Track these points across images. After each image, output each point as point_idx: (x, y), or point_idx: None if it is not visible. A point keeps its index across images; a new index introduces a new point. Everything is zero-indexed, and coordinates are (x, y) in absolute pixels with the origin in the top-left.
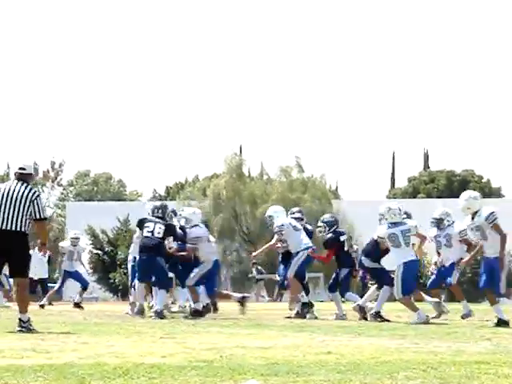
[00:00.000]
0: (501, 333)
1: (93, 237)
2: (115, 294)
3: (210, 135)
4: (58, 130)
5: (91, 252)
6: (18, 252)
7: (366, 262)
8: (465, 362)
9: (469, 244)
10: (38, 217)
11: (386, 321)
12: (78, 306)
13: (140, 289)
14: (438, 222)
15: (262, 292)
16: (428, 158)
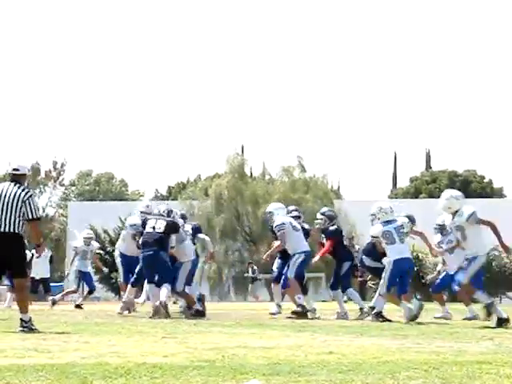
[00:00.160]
0: (503, 333)
1: (94, 236)
2: (117, 294)
3: (212, 135)
4: (59, 129)
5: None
6: (13, 253)
7: (367, 261)
8: (467, 362)
9: None
10: (30, 217)
11: (388, 321)
12: (78, 307)
13: (153, 290)
14: (441, 229)
15: (258, 292)
16: (430, 158)
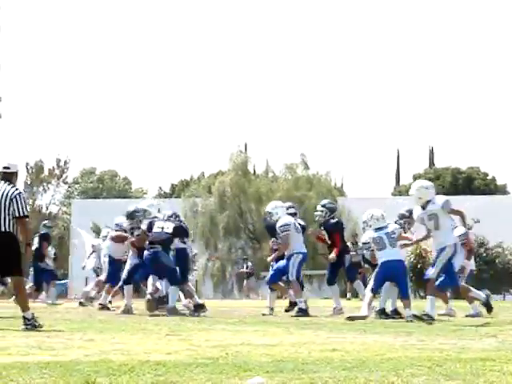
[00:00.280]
0: (506, 330)
1: (98, 234)
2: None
3: (215, 133)
4: (63, 127)
5: None
6: (7, 252)
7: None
8: (470, 359)
9: (469, 250)
10: (17, 214)
11: (391, 318)
12: (82, 304)
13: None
14: None
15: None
16: (433, 155)
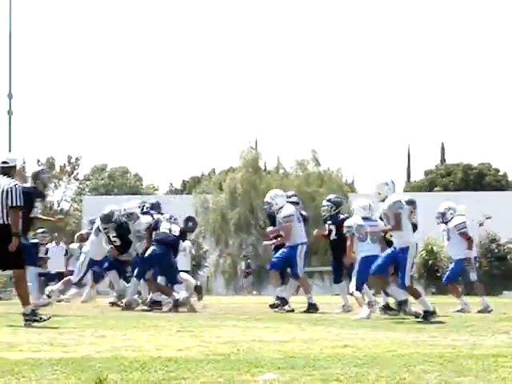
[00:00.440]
0: None
1: None
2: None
3: (226, 129)
4: (74, 124)
5: None
6: (6, 244)
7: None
8: (482, 356)
9: (467, 238)
10: (10, 204)
11: (398, 312)
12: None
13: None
14: (441, 216)
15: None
16: (444, 151)
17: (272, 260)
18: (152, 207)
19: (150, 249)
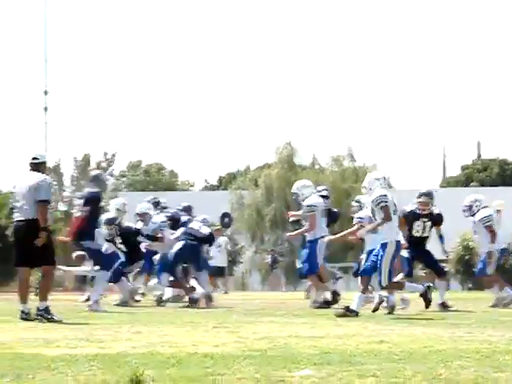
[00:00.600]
0: None
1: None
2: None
3: (261, 126)
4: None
5: None
6: (34, 240)
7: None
8: None
9: (491, 231)
10: (37, 198)
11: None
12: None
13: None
14: (468, 210)
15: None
16: (480, 146)
17: (303, 266)
18: (184, 210)
19: (179, 243)
